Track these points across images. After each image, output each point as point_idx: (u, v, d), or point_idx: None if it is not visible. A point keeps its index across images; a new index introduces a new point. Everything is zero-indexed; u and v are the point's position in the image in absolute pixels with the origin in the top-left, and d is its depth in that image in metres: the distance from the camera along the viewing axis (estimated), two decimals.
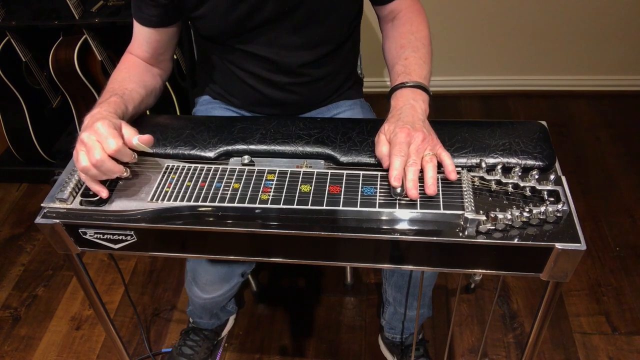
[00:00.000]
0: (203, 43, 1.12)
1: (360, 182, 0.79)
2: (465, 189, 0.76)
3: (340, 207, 0.75)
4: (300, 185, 0.79)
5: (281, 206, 0.76)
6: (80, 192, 0.82)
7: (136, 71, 1.00)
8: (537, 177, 0.75)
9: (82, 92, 1.87)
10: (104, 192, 0.79)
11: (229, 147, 0.89)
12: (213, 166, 0.83)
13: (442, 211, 0.74)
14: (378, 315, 1.56)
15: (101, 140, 0.76)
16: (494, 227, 0.72)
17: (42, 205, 0.81)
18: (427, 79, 0.91)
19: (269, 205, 0.77)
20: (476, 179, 0.78)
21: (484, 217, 0.71)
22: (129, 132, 0.80)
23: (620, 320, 1.52)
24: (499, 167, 0.77)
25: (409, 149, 0.77)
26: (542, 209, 0.71)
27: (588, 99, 2.34)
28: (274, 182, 0.80)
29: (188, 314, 1.46)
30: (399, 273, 1.23)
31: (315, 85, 1.12)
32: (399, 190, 0.75)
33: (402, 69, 0.91)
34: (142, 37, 1.01)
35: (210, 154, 0.89)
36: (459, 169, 0.79)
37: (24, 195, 2.09)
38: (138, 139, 0.79)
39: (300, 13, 0.98)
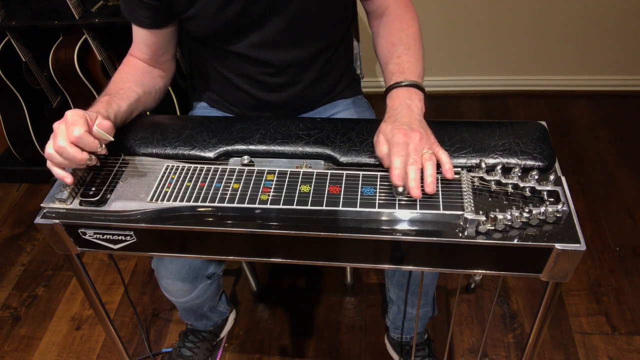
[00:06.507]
0: (197, 48, 1.12)
1: (360, 182, 0.79)
2: (465, 190, 0.76)
3: (340, 208, 0.75)
4: (300, 186, 0.79)
5: (281, 206, 0.76)
6: (80, 192, 0.82)
7: (134, 72, 1.01)
8: (536, 177, 0.75)
9: (82, 92, 1.87)
10: (68, 178, 0.79)
11: (229, 148, 0.89)
12: (213, 166, 0.83)
13: (441, 211, 0.74)
14: (383, 316, 1.56)
15: (67, 128, 0.77)
16: (493, 228, 0.72)
17: (41, 205, 0.81)
18: (421, 77, 0.91)
19: (268, 206, 0.77)
20: (476, 179, 0.78)
21: (483, 218, 0.71)
22: (97, 122, 0.80)
23: (620, 320, 1.52)
24: (499, 167, 0.77)
25: (408, 149, 0.77)
26: (542, 209, 0.71)
27: (588, 99, 2.34)
28: (274, 183, 0.80)
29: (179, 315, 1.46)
30: (401, 271, 1.23)
31: (310, 85, 1.11)
32: (401, 189, 0.75)
33: (396, 68, 0.92)
34: (140, 39, 1.01)
35: (210, 154, 0.88)
36: (459, 169, 0.79)
37: (24, 195, 2.09)
38: (97, 125, 0.79)
39: (291, 9, 0.97)
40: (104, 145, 0.81)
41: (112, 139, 0.82)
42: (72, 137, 0.76)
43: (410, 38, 0.96)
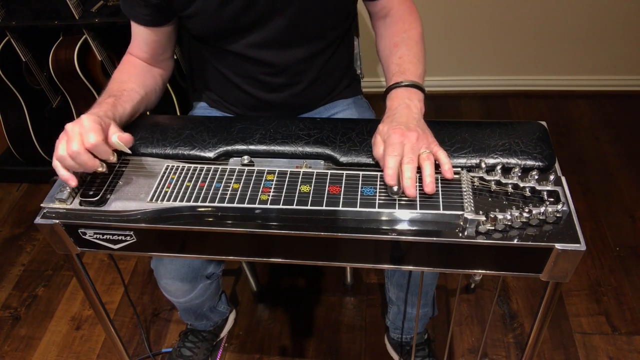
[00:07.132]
0: (197, 48, 1.12)
1: (360, 182, 0.79)
2: (464, 190, 0.76)
3: (340, 208, 0.75)
4: (300, 186, 0.79)
5: (281, 206, 0.76)
6: (80, 192, 0.82)
7: (136, 72, 1.01)
8: (536, 177, 0.75)
9: (82, 92, 1.87)
10: (72, 181, 0.79)
11: (229, 148, 0.89)
12: (213, 166, 0.83)
13: (441, 211, 0.74)
14: (382, 316, 1.56)
15: (83, 133, 0.77)
16: (493, 228, 0.72)
17: (41, 205, 0.81)
18: (421, 77, 0.91)
19: (268, 206, 0.76)
20: (476, 179, 0.78)
21: (483, 218, 0.71)
22: (113, 130, 0.81)
23: (620, 320, 1.52)
24: (499, 167, 0.77)
25: (404, 149, 0.77)
26: (542, 209, 0.71)
27: (588, 99, 2.34)
28: (274, 183, 0.80)
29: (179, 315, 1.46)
30: (401, 272, 1.23)
31: (310, 85, 1.11)
32: (395, 189, 0.74)
33: (397, 69, 0.92)
34: (141, 37, 1.01)
35: (210, 154, 0.89)
36: (459, 169, 0.79)
37: (24, 195, 2.09)
38: (118, 137, 0.80)
39: (292, 9, 0.97)
40: (115, 154, 0.81)
41: (130, 152, 0.83)
42: (87, 144, 0.76)
43: (412, 39, 0.97)
